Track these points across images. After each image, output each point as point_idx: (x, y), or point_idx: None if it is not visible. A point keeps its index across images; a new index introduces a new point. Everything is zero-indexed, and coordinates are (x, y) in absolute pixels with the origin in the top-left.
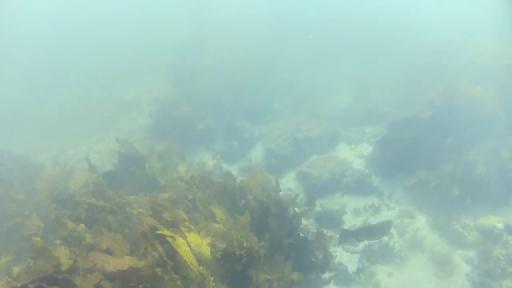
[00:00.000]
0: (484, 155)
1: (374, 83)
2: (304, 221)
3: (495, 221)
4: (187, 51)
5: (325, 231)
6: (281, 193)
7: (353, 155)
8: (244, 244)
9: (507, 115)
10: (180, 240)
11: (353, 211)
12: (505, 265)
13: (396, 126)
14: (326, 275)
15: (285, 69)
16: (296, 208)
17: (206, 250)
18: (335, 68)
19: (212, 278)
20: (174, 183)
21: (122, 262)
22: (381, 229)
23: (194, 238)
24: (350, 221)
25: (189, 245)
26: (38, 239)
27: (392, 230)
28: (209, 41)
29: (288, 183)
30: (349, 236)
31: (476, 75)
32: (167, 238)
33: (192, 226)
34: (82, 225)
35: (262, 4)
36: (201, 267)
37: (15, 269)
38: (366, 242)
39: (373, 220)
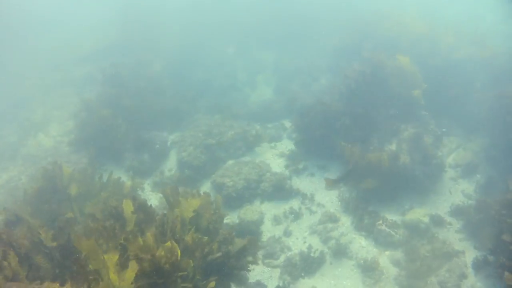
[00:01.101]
0: (407, 142)
1: (295, 71)
2: None
3: (421, 215)
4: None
5: None
6: None
7: (274, 155)
8: None
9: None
10: None
11: (272, 220)
12: (431, 261)
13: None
14: None
15: (202, 67)
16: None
17: None
18: (256, 58)
19: None
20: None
21: None
22: None
23: None
24: (270, 231)
25: None
26: None
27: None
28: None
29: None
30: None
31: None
32: None
33: None
34: None
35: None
36: None
37: None
38: (288, 254)
39: (294, 228)
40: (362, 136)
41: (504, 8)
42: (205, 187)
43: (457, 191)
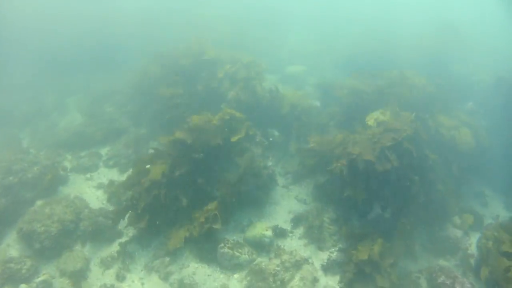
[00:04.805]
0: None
1: (108, 92)
2: None
3: (263, 229)
4: None
5: None
6: None
7: (91, 187)
8: None
9: None
10: None
11: (100, 264)
12: (283, 275)
13: None
14: None
15: None
16: None
17: None
18: (66, 82)
19: None
20: None
21: None
22: None
23: None
24: (100, 279)
25: None
26: None
27: None
28: None
29: (10, 250)
30: None
31: None
32: None
33: None
34: None
35: None
36: None
37: None
38: None
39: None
40: None
41: None
42: (9, 239)
43: (290, 198)
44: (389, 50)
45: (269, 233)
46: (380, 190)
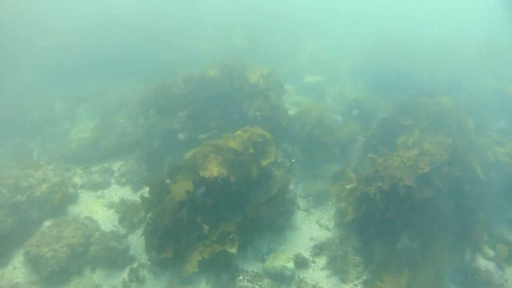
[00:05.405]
0: None
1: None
2: None
3: (284, 261)
4: None
5: None
6: None
7: (102, 206)
8: None
9: None
10: None
11: None
12: None
13: None
14: None
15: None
16: None
17: None
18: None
19: None
20: None
21: None
22: None
23: None
24: None
25: None
26: None
27: None
28: None
29: (16, 274)
30: None
31: None
32: None
33: None
34: None
35: None
36: None
37: None
38: None
39: None
40: None
41: None
42: (16, 261)
43: (312, 223)
44: (412, 63)
45: (291, 265)
46: (410, 217)
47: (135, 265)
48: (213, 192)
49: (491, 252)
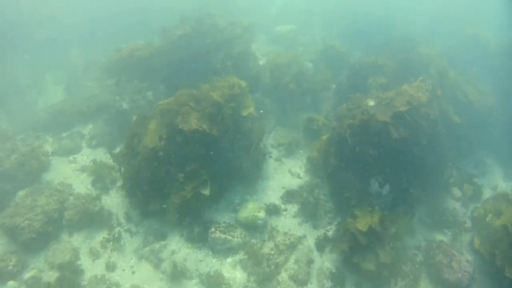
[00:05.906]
0: None
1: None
2: None
3: (255, 210)
4: None
5: None
6: None
7: (75, 170)
8: None
9: None
10: None
11: (90, 254)
12: (277, 258)
13: None
14: None
15: None
16: None
17: None
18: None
19: None
20: None
21: None
22: None
23: None
24: (90, 270)
25: None
26: None
27: None
28: None
29: None
30: None
31: None
32: None
33: None
34: None
35: None
36: None
37: None
38: None
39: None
40: None
41: None
42: None
43: (284, 172)
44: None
45: (262, 214)
46: (380, 161)
47: (110, 225)
48: (192, 142)
49: (458, 193)
